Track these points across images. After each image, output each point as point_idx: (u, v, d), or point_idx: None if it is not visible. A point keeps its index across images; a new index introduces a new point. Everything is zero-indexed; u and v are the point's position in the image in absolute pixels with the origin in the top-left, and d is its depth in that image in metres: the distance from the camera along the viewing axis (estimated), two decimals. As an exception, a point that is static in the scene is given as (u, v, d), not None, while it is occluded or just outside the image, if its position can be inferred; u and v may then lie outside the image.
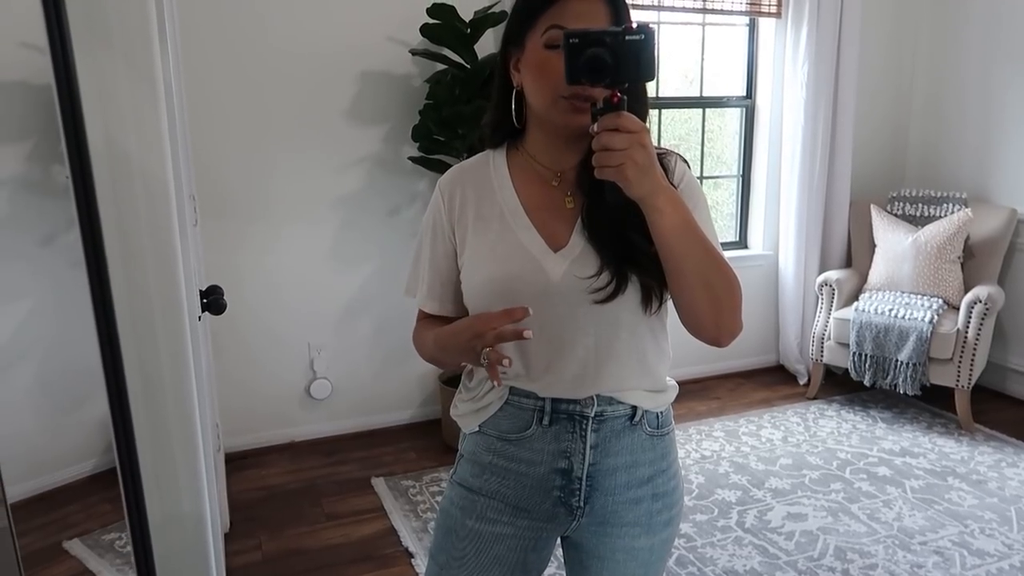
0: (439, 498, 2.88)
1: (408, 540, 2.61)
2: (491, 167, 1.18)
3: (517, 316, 1.00)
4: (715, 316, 1.04)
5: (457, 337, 1.07)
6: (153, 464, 0.91)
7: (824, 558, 2.51)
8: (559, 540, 1.25)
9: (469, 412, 1.21)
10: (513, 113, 1.15)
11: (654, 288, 1.09)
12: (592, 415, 1.13)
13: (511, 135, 1.19)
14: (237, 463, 3.18)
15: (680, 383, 1.24)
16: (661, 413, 1.20)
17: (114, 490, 2.91)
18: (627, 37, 0.94)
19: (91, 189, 0.47)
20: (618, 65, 0.94)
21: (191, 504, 1.07)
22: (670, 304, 1.12)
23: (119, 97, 0.81)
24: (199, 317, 1.74)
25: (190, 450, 1.05)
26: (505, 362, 1.00)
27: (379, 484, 3.02)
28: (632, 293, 1.09)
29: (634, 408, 1.15)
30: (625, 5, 1.08)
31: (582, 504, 1.17)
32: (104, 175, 0.74)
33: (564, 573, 1.31)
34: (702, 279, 1.02)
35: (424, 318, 1.27)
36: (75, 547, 2.59)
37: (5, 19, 2.62)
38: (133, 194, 0.86)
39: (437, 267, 1.22)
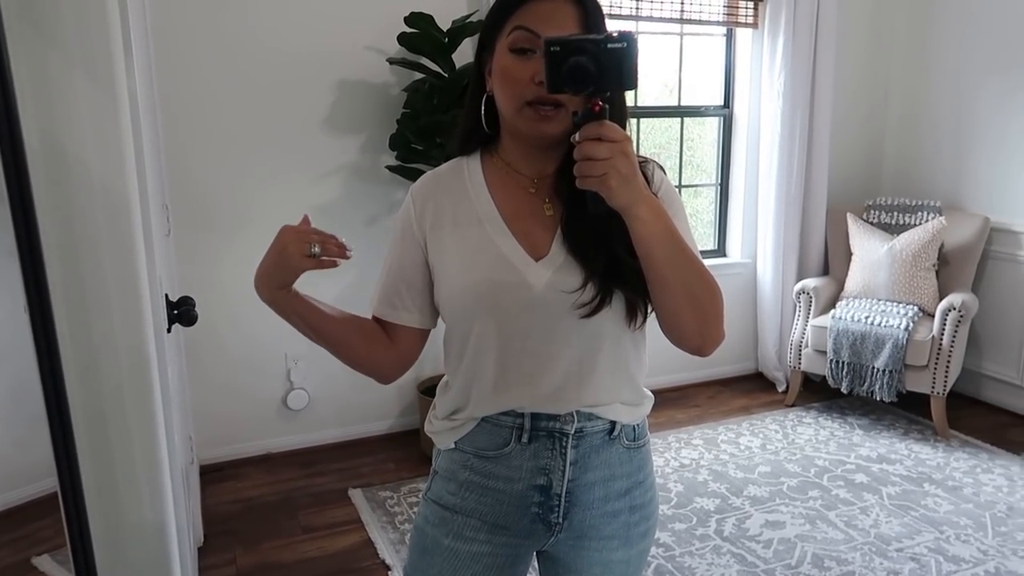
0: (416, 510, 2.86)
1: (385, 553, 2.59)
2: (466, 174, 1.16)
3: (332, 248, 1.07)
4: (699, 325, 1.04)
5: (276, 253, 1.12)
6: (106, 477, 0.89)
7: (802, 566, 2.51)
8: (535, 554, 1.24)
9: (445, 430, 1.20)
10: (483, 120, 1.14)
11: (639, 302, 1.09)
12: (572, 432, 1.12)
13: (484, 142, 1.18)
14: (212, 475, 3.14)
15: (659, 391, 1.24)
16: (637, 426, 1.19)
17: (86, 504, 2.86)
18: (609, 45, 0.92)
19: (27, 190, 0.46)
20: (601, 73, 0.92)
21: (153, 515, 1.05)
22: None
23: (74, 105, 0.79)
24: (168, 329, 1.71)
25: (152, 461, 1.04)
26: (348, 253, 1.08)
27: (356, 495, 2.99)
28: (616, 307, 1.08)
29: (613, 423, 1.15)
30: (598, 7, 1.06)
31: (561, 520, 1.15)
32: (45, 185, 0.72)
33: (537, 585, 1.30)
34: (685, 288, 1.01)
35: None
36: (44, 563, 2.54)
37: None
38: (90, 204, 0.84)
39: (404, 274, 1.18)
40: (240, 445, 3.33)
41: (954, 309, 3.39)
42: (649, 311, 1.10)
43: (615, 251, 1.05)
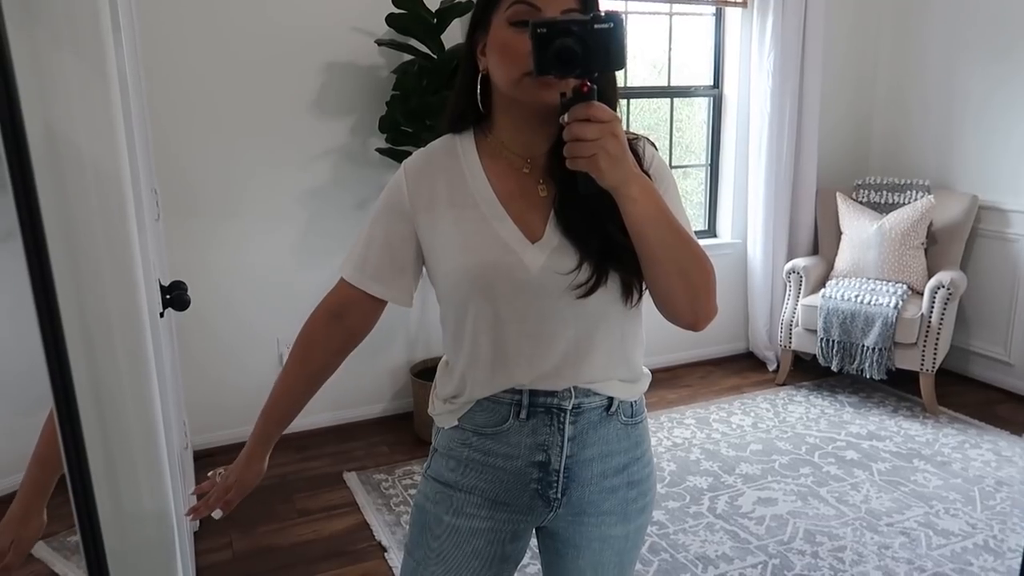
0: (412, 491, 2.87)
1: (381, 534, 2.60)
2: (459, 153, 1.15)
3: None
4: (691, 301, 1.04)
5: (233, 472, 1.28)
6: (107, 463, 0.89)
7: (794, 541, 2.54)
8: (534, 531, 1.25)
9: (446, 412, 1.20)
10: (479, 99, 1.13)
11: (634, 282, 1.09)
12: (570, 408, 1.13)
13: (476, 122, 1.17)
14: (206, 460, 3.13)
15: (651, 371, 1.24)
16: (635, 402, 1.20)
17: (79, 491, 2.86)
18: (596, 26, 0.92)
19: (30, 181, 0.45)
20: (587, 55, 0.92)
21: (153, 502, 1.05)
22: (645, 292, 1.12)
23: (64, 86, 0.78)
24: (161, 314, 1.70)
25: (150, 447, 1.03)
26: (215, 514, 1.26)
27: (351, 479, 3.00)
28: (612, 287, 1.09)
29: (610, 399, 1.15)
30: None
31: (560, 495, 1.16)
32: (45, 168, 0.71)
33: (538, 562, 1.31)
34: (677, 266, 1.02)
35: (330, 308, 1.20)
36: (40, 549, 2.53)
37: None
38: (83, 188, 0.83)
39: (390, 249, 1.16)
40: (233, 430, 3.31)
41: (943, 287, 3.42)
42: (644, 289, 1.11)
43: (609, 231, 1.05)
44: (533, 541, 1.28)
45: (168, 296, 1.77)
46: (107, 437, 0.84)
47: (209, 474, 1.29)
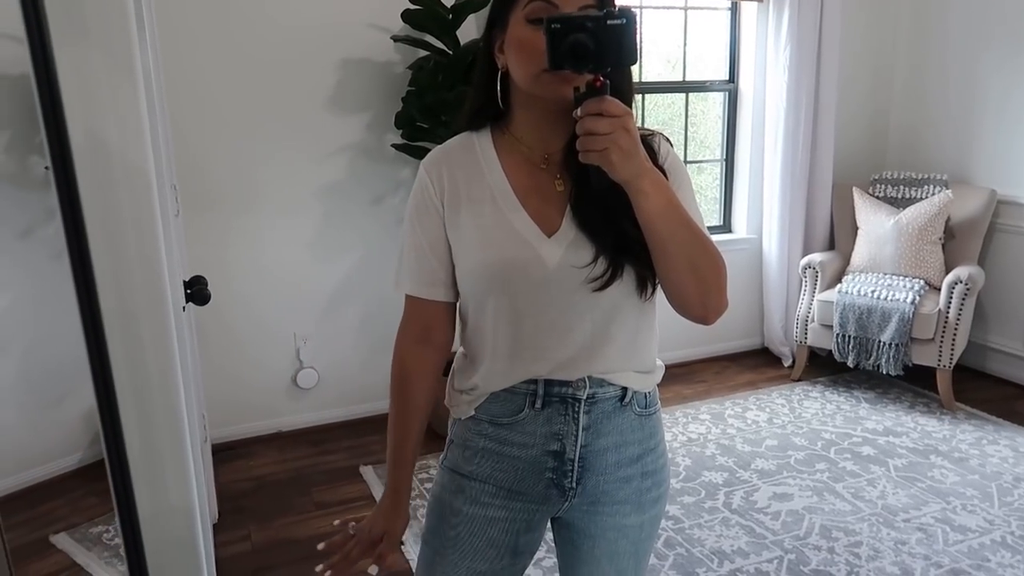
0: (428, 485, 2.89)
1: (398, 528, 2.62)
2: (477, 149, 1.17)
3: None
4: (701, 295, 1.05)
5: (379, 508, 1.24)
6: (141, 457, 0.91)
7: (810, 537, 2.54)
8: (549, 521, 1.26)
9: (463, 403, 1.22)
10: (498, 96, 1.14)
11: (648, 275, 1.10)
12: (584, 397, 1.14)
13: (494, 119, 1.18)
14: (224, 454, 3.17)
15: (666, 367, 1.25)
16: (648, 393, 1.21)
17: (100, 484, 2.89)
18: (609, 22, 0.93)
19: (73, 181, 0.47)
20: (600, 50, 0.94)
21: (179, 496, 1.06)
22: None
23: (98, 86, 0.80)
24: (183, 308, 1.72)
25: (177, 442, 1.05)
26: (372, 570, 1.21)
27: (367, 472, 3.02)
28: (627, 280, 1.10)
29: (624, 389, 1.16)
30: None
31: (574, 485, 1.18)
32: (85, 166, 0.73)
33: (554, 555, 1.32)
34: (687, 259, 1.03)
35: (410, 333, 1.22)
36: (62, 541, 2.58)
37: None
38: (115, 185, 0.85)
39: (435, 251, 1.17)
40: (251, 424, 3.36)
41: (960, 282, 3.40)
42: (658, 283, 1.12)
43: (623, 226, 1.06)
44: (549, 535, 1.30)
45: (189, 291, 1.79)
46: (141, 431, 0.86)
47: (339, 523, 1.28)
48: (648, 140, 1.13)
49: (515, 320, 1.12)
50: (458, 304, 1.22)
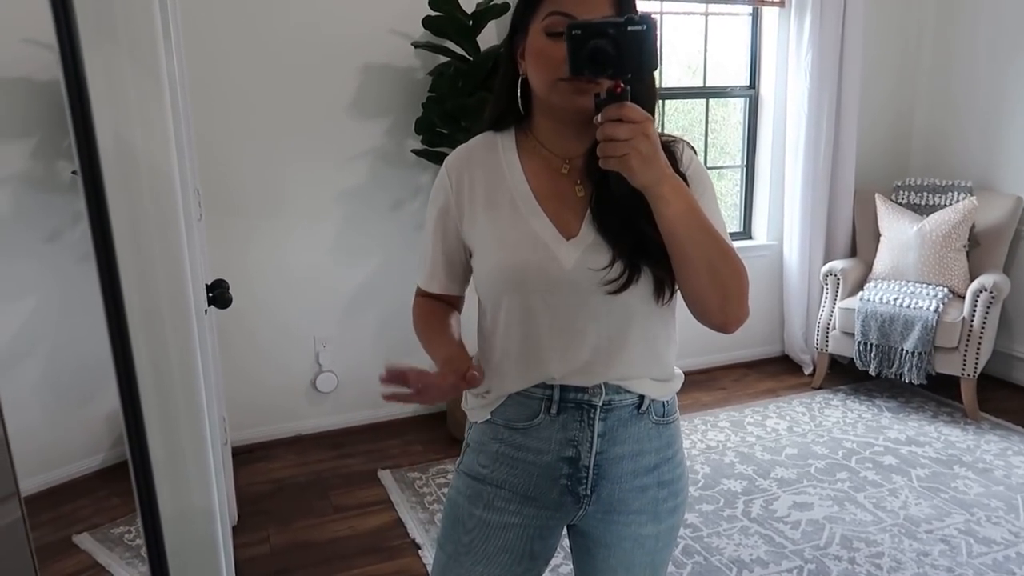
0: (445, 490, 2.89)
1: (415, 532, 2.62)
2: (500, 151, 1.18)
3: (475, 383, 1.08)
4: (721, 303, 1.05)
5: (437, 359, 1.16)
6: (164, 458, 0.92)
7: (830, 547, 2.51)
8: (565, 528, 1.26)
9: (478, 406, 1.22)
10: (519, 101, 1.15)
11: (666, 280, 1.10)
12: (600, 404, 1.14)
13: (517, 122, 1.19)
14: (244, 456, 3.19)
15: (685, 373, 1.24)
16: (667, 402, 1.20)
17: (122, 484, 2.92)
18: (629, 28, 0.94)
19: (100, 186, 0.47)
20: (620, 56, 0.94)
21: (201, 498, 1.07)
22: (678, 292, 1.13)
23: (125, 92, 0.81)
24: (205, 311, 1.74)
25: (199, 444, 1.06)
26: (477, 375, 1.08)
27: (386, 476, 3.03)
28: (644, 284, 1.10)
29: (641, 397, 1.16)
30: None
31: (589, 492, 1.17)
32: (112, 171, 0.74)
33: (570, 562, 1.32)
34: (707, 266, 1.03)
35: (424, 294, 1.29)
36: (84, 541, 2.61)
37: (7, 16, 2.62)
38: (140, 189, 0.86)
39: (448, 248, 1.22)
40: (270, 427, 3.38)
41: (985, 290, 3.35)
42: (675, 288, 1.12)
43: (643, 230, 1.06)
44: (565, 541, 1.29)
45: (211, 294, 1.81)
46: (164, 432, 0.87)
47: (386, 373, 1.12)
48: (671, 147, 1.13)
49: (529, 321, 1.13)
50: (478, 307, 1.22)
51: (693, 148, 1.18)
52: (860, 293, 3.64)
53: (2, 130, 2.74)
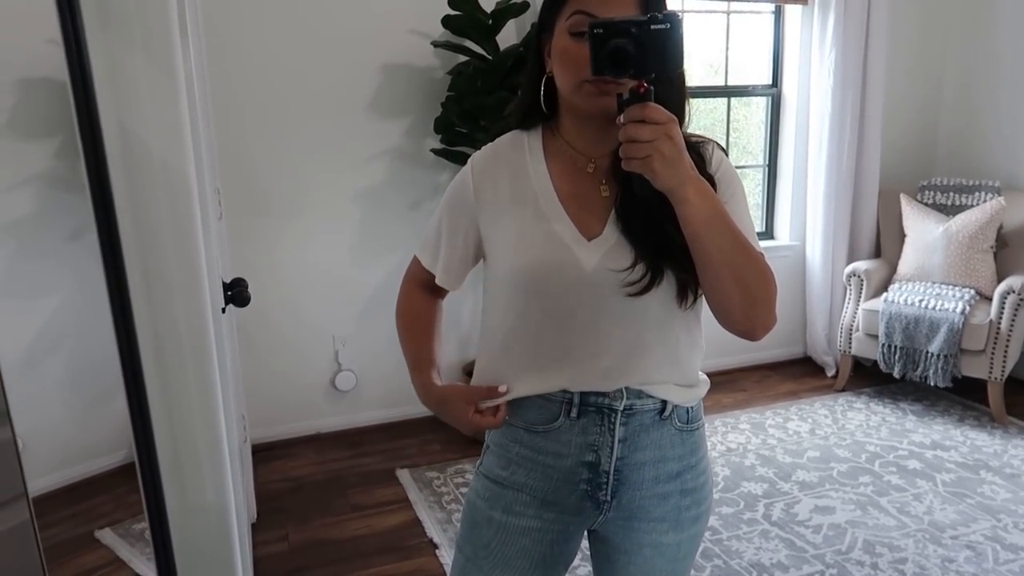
0: (463, 489, 2.89)
1: (433, 531, 2.62)
2: (526, 149, 1.17)
3: (496, 395, 1.11)
4: (746, 309, 1.02)
5: (443, 406, 1.23)
6: (173, 455, 0.92)
7: (852, 551, 2.47)
8: (586, 534, 1.24)
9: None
10: (542, 100, 1.14)
11: (689, 283, 1.08)
12: (621, 408, 1.12)
13: (543, 120, 1.18)
14: (264, 454, 3.21)
15: (706, 375, 1.22)
16: (691, 408, 1.18)
17: (143, 481, 2.95)
18: (652, 26, 0.92)
19: (106, 181, 0.47)
20: (643, 55, 0.92)
21: (215, 495, 1.07)
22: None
23: (136, 88, 0.81)
24: (223, 310, 1.75)
25: (214, 441, 1.06)
26: (502, 388, 1.14)
27: (404, 475, 3.03)
28: (667, 287, 1.08)
29: (664, 402, 1.14)
30: None
31: (609, 498, 1.15)
32: (119, 167, 0.74)
33: (590, 567, 1.30)
34: (732, 271, 1.00)
35: (416, 280, 1.29)
36: (106, 536, 2.63)
37: (30, 17, 2.66)
38: (153, 186, 0.86)
39: (455, 243, 1.21)
40: (290, 425, 3.39)
41: (1013, 292, 3.29)
42: (699, 292, 1.09)
43: (667, 231, 1.04)
44: (586, 543, 1.28)
45: (229, 293, 1.81)
46: (174, 429, 0.87)
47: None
48: (699, 148, 1.11)
49: (548, 322, 1.11)
50: (484, 304, 1.21)
51: (724, 149, 1.16)
52: (884, 294, 3.59)
53: (26, 130, 2.77)
